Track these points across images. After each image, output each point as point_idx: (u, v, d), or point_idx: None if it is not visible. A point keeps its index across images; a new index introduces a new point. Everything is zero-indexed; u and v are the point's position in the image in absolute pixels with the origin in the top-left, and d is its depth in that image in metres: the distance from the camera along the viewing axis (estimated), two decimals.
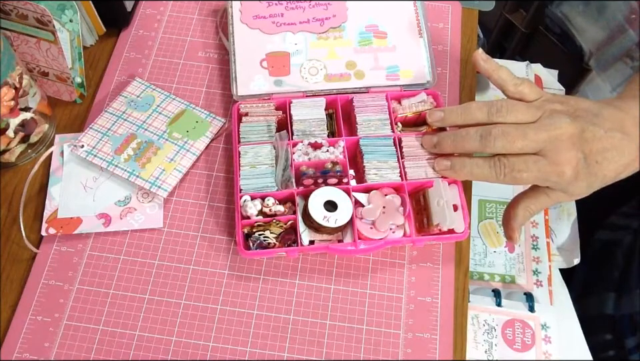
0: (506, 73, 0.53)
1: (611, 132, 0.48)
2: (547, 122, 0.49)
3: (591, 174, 0.48)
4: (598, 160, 0.48)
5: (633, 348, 0.67)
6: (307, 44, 0.65)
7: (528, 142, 0.49)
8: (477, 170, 0.52)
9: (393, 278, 0.57)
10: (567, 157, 0.48)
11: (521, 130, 0.49)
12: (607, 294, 0.71)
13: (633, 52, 0.99)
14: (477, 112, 0.52)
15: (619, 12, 1.00)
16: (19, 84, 0.57)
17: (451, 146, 0.54)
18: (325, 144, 0.59)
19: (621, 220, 0.77)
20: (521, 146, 0.49)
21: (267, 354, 0.54)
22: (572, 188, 0.49)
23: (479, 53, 0.54)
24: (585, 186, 0.49)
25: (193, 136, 0.62)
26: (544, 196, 0.51)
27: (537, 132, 0.49)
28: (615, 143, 0.48)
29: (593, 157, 0.48)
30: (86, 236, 0.58)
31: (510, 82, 0.53)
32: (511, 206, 0.53)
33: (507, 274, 0.70)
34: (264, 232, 0.55)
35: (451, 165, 0.54)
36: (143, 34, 0.70)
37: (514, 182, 0.50)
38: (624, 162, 0.49)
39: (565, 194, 0.50)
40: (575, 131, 0.48)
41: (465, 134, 0.52)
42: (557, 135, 0.48)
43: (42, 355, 0.53)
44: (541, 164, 0.48)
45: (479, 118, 0.52)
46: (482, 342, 0.64)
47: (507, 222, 0.54)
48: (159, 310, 0.55)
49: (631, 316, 0.68)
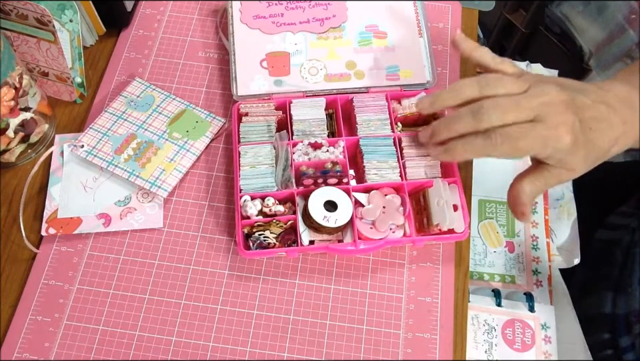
0: (485, 51, 0.53)
1: (597, 104, 0.49)
2: (536, 90, 0.49)
3: (587, 141, 0.48)
4: (592, 127, 0.48)
5: (627, 346, 0.67)
6: (307, 44, 0.65)
7: (521, 111, 0.48)
8: (470, 146, 0.50)
9: (393, 278, 0.57)
10: (563, 119, 0.47)
11: (514, 100, 0.48)
12: (606, 293, 0.71)
13: (633, 52, 0.99)
14: (466, 88, 0.50)
15: (618, 12, 1.00)
16: (18, 84, 0.57)
17: (445, 130, 0.51)
18: (325, 144, 0.59)
19: (620, 220, 0.77)
20: (515, 115, 0.48)
21: (267, 354, 0.54)
22: (570, 158, 0.48)
23: (458, 34, 0.54)
24: (582, 156, 0.48)
25: (193, 136, 0.62)
26: (545, 172, 0.50)
27: (529, 99, 0.48)
28: (603, 114, 0.49)
29: (587, 123, 0.48)
30: (86, 236, 0.58)
31: (490, 59, 0.53)
32: (515, 183, 0.51)
33: (506, 274, 0.70)
34: (264, 232, 0.55)
35: (445, 149, 0.52)
36: (142, 34, 0.70)
37: (512, 152, 0.48)
38: (614, 135, 0.49)
39: (565, 170, 0.49)
40: (566, 98, 0.48)
41: (456, 115, 0.50)
42: (549, 100, 0.48)
43: (42, 355, 0.53)
44: (538, 129, 0.47)
45: (469, 94, 0.50)
46: (482, 342, 0.64)
47: (515, 199, 0.51)
48: (158, 310, 0.55)
49: (626, 316, 0.68)
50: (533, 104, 0.48)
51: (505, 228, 0.73)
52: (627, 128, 0.50)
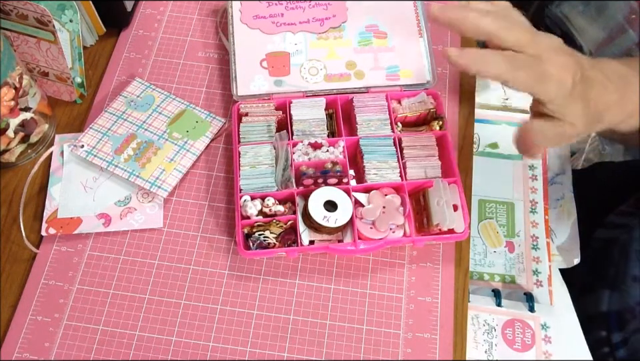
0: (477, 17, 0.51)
1: (594, 70, 0.51)
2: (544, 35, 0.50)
3: (584, 95, 0.50)
4: (589, 85, 0.50)
5: (618, 342, 0.67)
6: (307, 44, 0.65)
7: (534, 41, 0.49)
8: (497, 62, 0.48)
9: (393, 278, 0.57)
10: (568, 63, 0.49)
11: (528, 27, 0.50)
12: (603, 291, 0.71)
13: (633, 52, 0.99)
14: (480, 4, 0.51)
15: (619, 12, 0.99)
16: (19, 84, 0.57)
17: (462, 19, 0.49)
18: (324, 144, 0.59)
19: (619, 219, 0.77)
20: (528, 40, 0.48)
21: (267, 354, 0.54)
22: (571, 110, 0.50)
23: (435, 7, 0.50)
24: (581, 111, 0.50)
25: (193, 136, 0.62)
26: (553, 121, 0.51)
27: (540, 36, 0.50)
28: (598, 78, 0.51)
29: (585, 80, 0.50)
30: (86, 236, 0.58)
31: None
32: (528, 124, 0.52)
33: (506, 274, 0.70)
34: (264, 232, 0.55)
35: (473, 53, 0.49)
36: (142, 34, 0.70)
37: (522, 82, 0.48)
38: (608, 99, 0.51)
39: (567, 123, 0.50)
40: (569, 50, 0.50)
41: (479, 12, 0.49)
42: (556, 45, 0.50)
43: (42, 355, 0.53)
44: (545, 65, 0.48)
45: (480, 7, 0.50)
46: (482, 342, 0.64)
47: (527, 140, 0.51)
48: (159, 310, 0.55)
49: (619, 312, 0.68)
50: (544, 42, 0.50)
51: (505, 228, 0.73)
52: (619, 97, 0.52)
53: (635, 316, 0.65)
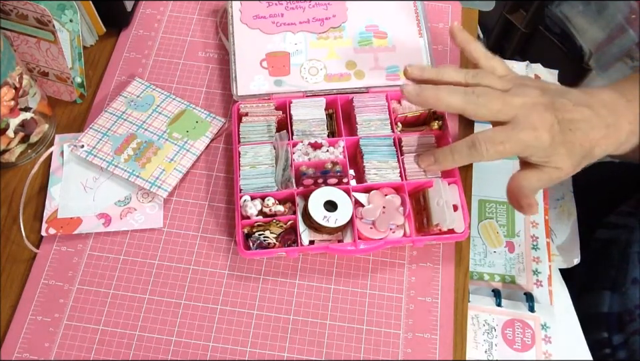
0: (479, 46, 0.55)
1: (579, 107, 0.51)
2: (519, 90, 0.51)
3: (566, 141, 0.50)
4: (571, 128, 0.50)
5: (619, 344, 0.67)
6: (306, 44, 0.65)
7: (504, 105, 0.50)
8: (457, 154, 0.53)
9: (393, 278, 0.57)
10: (542, 119, 0.50)
11: (498, 93, 0.51)
12: (604, 292, 0.71)
13: (633, 52, 0.99)
14: (452, 72, 0.53)
15: (619, 12, 1.00)
16: (19, 84, 0.57)
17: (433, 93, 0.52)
18: (325, 144, 0.59)
19: (619, 219, 0.77)
20: (499, 108, 0.50)
21: (267, 354, 0.54)
22: (555, 157, 0.50)
23: (455, 25, 0.56)
24: (565, 155, 0.50)
25: (193, 136, 0.62)
26: (536, 170, 0.52)
27: (512, 97, 0.51)
28: (585, 116, 0.51)
29: (566, 125, 0.50)
30: (86, 236, 0.58)
31: (482, 55, 0.55)
32: (512, 181, 0.53)
33: (506, 274, 0.70)
34: (264, 232, 0.55)
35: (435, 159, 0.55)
36: (142, 34, 0.70)
37: (498, 155, 0.51)
38: (595, 136, 0.51)
39: (552, 169, 0.51)
40: (545, 101, 0.51)
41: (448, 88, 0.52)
42: (530, 101, 0.50)
43: (42, 355, 0.53)
44: (518, 130, 0.50)
45: (454, 77, 0.53)
46: (482, 342, 0.64)
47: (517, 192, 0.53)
48: (158, 310, 0.55)
49: (620, 314, 0.68)
50: (515, 102, 0.50)
51: (505, 228, 0.73)
52: (610, 131, 0.51)
53: (635, 319, 0.65)
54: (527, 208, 0.52)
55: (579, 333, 0.67)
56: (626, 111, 0.52)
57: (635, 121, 0.52)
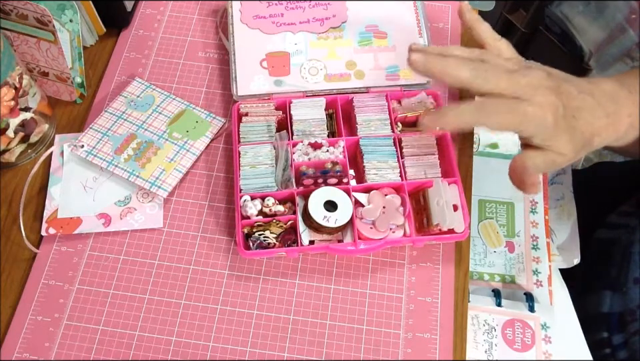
0: (487, 27, 0.55)
1: (582, 94, 0.51)
2: (525, 72, 0.50)
3: (569, 126, 0.50)
4: (575, 115, 0.50)
5: (619, 344, 0.67)
6: (306, 44, 0.65)
7: (512, 83, 0.49)
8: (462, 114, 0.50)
9: (393, 278, 0.57)
10: (548, 101, 0.49)
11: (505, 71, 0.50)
12: (604, 292, 0.71)
13: (633, 52, 0.99)
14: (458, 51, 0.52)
15: (618, 12, 1.00)
16: (19, 84, 0.57)
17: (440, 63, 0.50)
18: (325, 144, 0.59)
19: (620, 219, 0.77)
20: (505, 85, 0.49)
21: (267, 354, 0.54)
22: (555, 140, 0.50)
23: (465, 4, 0.55)
24: (567, 140, 0.50)
25: (193, 136, 0.62)
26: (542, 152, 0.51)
27: (519, 76, 0.50)
28: (587, 104, 0.51)
29: (570, 111, 0.50)
30: (86, 236, 0.58)
31: (490, 35, 0.55)
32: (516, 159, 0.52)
33: (506, 274, 0.70)
34: (264, 232, 0.55)
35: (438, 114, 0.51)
36: (142, 34, 0.70)
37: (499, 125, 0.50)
38: (596, 126, 0.51)
39: (554, 153, 0.51)
40: (552, 84, 0.50)
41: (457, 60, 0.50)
42: (537, 82, 0.50)
43: (42, 355, 0.53)
44: (523, 105, 0.49)
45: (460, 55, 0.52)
46: (482, 342, 0.64)
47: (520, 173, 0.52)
48: (159, 310, 0.55)
49: (621, 314, 0.68)
50: (521, 81, 0.50)
51: (505, 228, 0.73)
52: (610, 121, 0.51)
53: (636, 319, 0.65)
54: (531, 186, 0.52)
55: (579, 333, 0.67)
56: (626, 102, 0.52)
57: (635, 113, 0.52)
